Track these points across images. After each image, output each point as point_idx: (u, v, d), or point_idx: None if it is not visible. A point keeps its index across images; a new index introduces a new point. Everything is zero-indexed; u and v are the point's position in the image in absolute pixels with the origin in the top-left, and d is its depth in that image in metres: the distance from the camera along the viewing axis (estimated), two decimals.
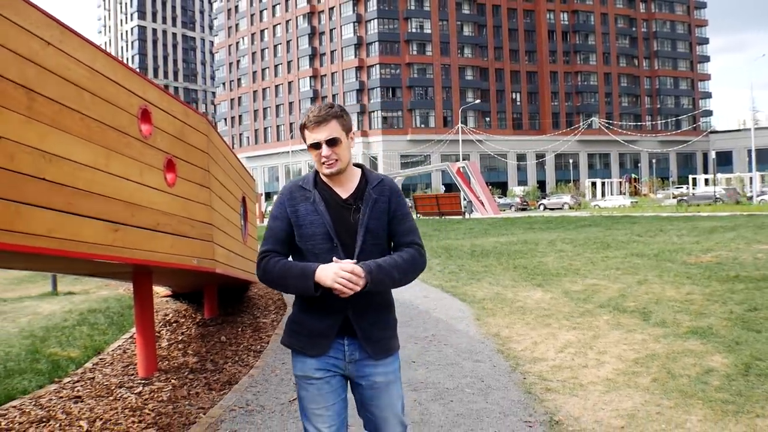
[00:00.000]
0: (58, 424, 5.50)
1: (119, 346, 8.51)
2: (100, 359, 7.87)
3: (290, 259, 3.08)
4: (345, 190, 3.07)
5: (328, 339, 3.01)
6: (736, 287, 10.38)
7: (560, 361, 6.83)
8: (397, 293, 9.44)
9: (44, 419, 5.65)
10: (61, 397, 6.30)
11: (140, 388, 6.46)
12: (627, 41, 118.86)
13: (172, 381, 6.73)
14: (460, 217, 46.80)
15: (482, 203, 54.87)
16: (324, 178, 3.09)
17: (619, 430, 4.89)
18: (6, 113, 3.78)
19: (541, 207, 69.18)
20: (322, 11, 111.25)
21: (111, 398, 6.22)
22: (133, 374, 7.03)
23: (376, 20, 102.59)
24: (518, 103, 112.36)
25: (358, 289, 2.81)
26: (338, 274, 2.79)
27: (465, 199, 53.89)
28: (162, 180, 5.63)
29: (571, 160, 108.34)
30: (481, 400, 5.69)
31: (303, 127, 3.07)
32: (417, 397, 5.86)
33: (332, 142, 2.98)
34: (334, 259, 2.90)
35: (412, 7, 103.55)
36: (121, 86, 5.12)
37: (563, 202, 68.83)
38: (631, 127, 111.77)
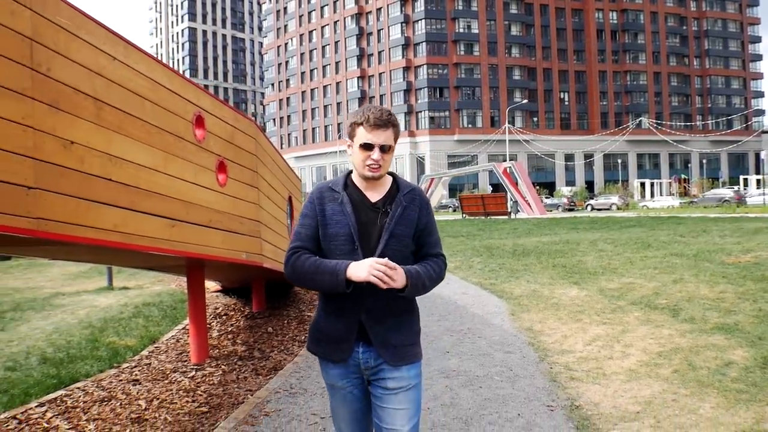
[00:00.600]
0: (118, 403, 6.04)
1: (173, 336, 9.06)
2: (155, 347, 8.42)
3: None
4: (375, 194, 3.10)
5: (348, 343, 3.03)
6: None
7: (587, 353, 7.20)
8: (437, 289, 9.96)
9: (106, 399, 6.19)
10: (121, 380, 6.85)
11: (193, 373, 7.00)
12: (677, 40, 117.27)
13: (222, 367, 7.25)
14: (506, 217, 46.91)
15: (528, 203, 54.88)
16: (356, 181, 3.14)
17: (634, 414, 5.26)
18: (78, 121, 4.30)
19: (589, 207, 68.76)
20: (370, 12, 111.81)
21: (166, 381, 6.75)
22: (186, 361, 7.57)
23: (423, 21, 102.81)
24: (566, 103, 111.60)
25: (394, 284, 2.81)
26: (373, 266, 2.80)
27: (511, 200, 53.97)
28: (214, 180, 6.14)
29: (619, 160, 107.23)
30: (508, 387, 6.10)
31: (357, 124, 3.06)
32: (449, 383, 6.29)
33: (385, 149, 3.01)
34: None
35: (460, 8, 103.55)
36: (177, 95, 5.63)
37: (611, 203, 68.22)
38: (681, 126, 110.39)
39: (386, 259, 2.83)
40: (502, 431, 4.99)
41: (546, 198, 76.58)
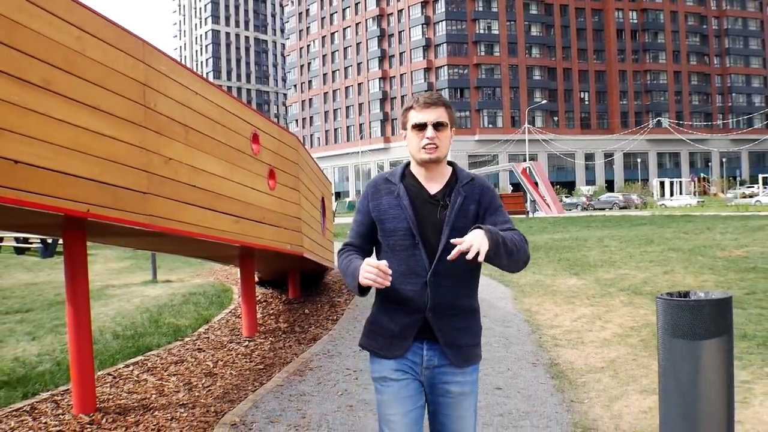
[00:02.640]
0: (189, 364, 7.55)
1: (222, 317, 10.57)
2: (209, 326, 9.93)
3: (374, 254, 3.06)
4: (434, 185, 2.96)
5: (406, 341, 2.90)
6: (748, 276, 11.93)
7: (572, 327, 8.66)
8: None
9: (178, 361, 7.70)
10: (187, 349, 8.36)
11: (246, 343, 8.52)
12: (697, 39, 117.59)
13: (270, 339, 8.76)
14: (524, 216, 48.20)
15: (546, 203, 56.09)
16: (414, 171, 3.01)
17: (600, 369, 6.70)
18: (173, 143, 5.81)
19: (590, 207, 69.40)
20: (391, 14, 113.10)
21: (225, 350, 8.26)
22: (238, 335, 9.09)
23: (444, 22, 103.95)
24: (586, 103, 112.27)
25: (387, 284, 2.71)
26: (364, 269, 2.71)
27: (530, 199, 55.24)
28: (266, 185, 7.64)
29: (639, 160, 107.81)
30: (502, 351, 7.58)
31: (408, 109, 2.98)
32: None
33: (439, 126, 2.89)
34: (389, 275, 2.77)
35: (480, 9, 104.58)
36: (239, 117, 7.14)
37: (612, 202, 68.54)
38: (701, 125, 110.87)
39: (377, 261, 2.71)
40: (494, 381, 6.44)
41: (566, 197, 77.39)
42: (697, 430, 3.68)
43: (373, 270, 2.67)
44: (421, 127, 2.89)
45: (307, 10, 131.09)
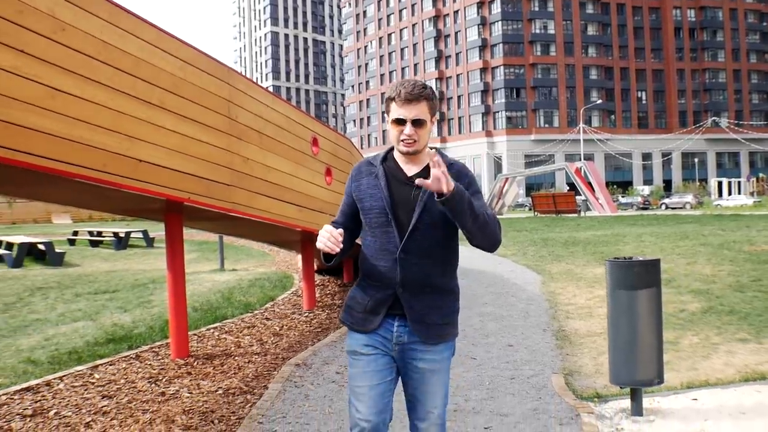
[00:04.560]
0: (260, 328, 9.11)
1: (285, 296, 12.13)
2: (274, 303, 11.48)
3: (363, 234, 3.16)
4: (413, 168, 3.06)
5: (378, 316, 3.02)
6: (762, 267, 13.05)
7: (585, 305, 10.01)
8: (489, 266, 13.14)
9: (250, 326, 9.27)
10: (257, 318, 9.93)
11: (306, 314, 10.06)
12: (757, 37, 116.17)
13: (326, 311, 10.30)
14: (575, 214, 49.05)
15: (599, 202, 56.69)
16: (396, 156, 3.12)
17: (598, 334, 8.05)
18: (250, 146, 7.35)
19: (663, 206, 69.65)
20: (448, 14, 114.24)
21: (288, 319, 9.81)
22: (299, 308, 10.64)
23: (500, 22, 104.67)
24: (644, 102, 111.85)
25: (337, 249, 2.84)
26: (321, 233, 2.86)
27: (583, 198, 55.93)
28: (323, 181, 9.16)
29: (697, 159, 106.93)
30: (521, 321, 8.98)
31: (390, 99, 3.01)
32: (482, 318, 9.22)
33: (418, 123, 2.95)
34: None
35: (536, 9, 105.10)
36: (300, 124, 8.66)
37: (685, 202, 68.93)
38: (761, 124, 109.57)
39: (340, 230, 2.85)
40: (507, 340, 7.87)
41: (621, 197, 77.52)
42: (635, 354, 5.03)
43: (326, 235, 2.83)
44: (400, 122, 2.96)
45: (365, 12, 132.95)
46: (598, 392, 5.78)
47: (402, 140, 2.98)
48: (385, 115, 3.08)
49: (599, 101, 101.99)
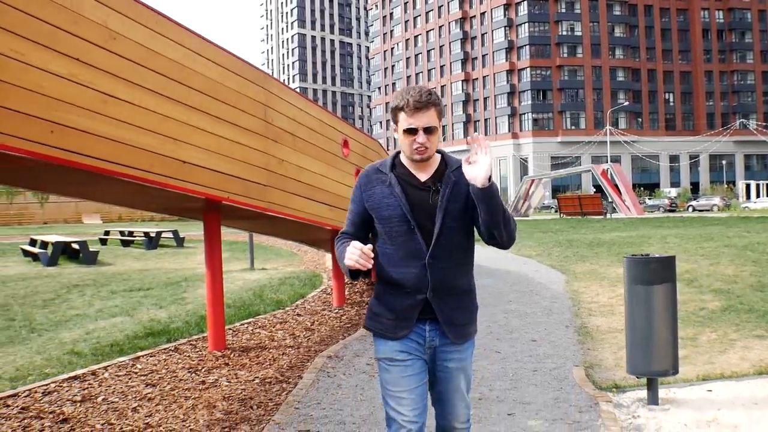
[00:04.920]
0: (292, 323, 9.45)
1: (315, 294, 12.48)
2: (305, 300, 11.84)
3: (373, 243, 3.12)
4: (424, 173, 3.08)
5: (410, 321, 3.05)
6: None
7: (607, 303, 10.26)
8: (514, 265, 13.49)
9: (282, 321, 9.62)
10: (288, 314, 10.28)
11: (336, 311, 10.39)
12: None
13: (356, 308, 10.63)
14: (601, 216, 49.03)
15: (626, 204, 56.56)
16: (404, 162, 3.12)
17: (619, 330, 8.29)
18: (284, 148, 7.69)
19: (690, 209, 69.20)
20: (474, 16, 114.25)
21: (319, 315, 10.15)
22: (329, 305, 10.98)
23: (526, 24, 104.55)
24: (671, 104, 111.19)
25: (369, 266, 2.87)
26: (349, 251, 2.86)
27: (609, 200, 55.85)
28: (353, 182, 9.48)
29: (724, 162, 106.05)
30: (544, 318, 9.26)
31: (398, 109, 3.01)
32: (506, 315, 9.52)
33: (429, 130, 2.98)
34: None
35: (563, 10, 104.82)
36: (332, 127, 9.00)
37: (712, 204, 68.39)
38: None
39: (362, 245, 2.86)
40: (531, 335, 8.15)
41: (648, 199, 77.15)
42: (651, 345, 5.30)
43: (356, 252, 2.83)
44: (412, 131, 2.97)
45: (391, 14, 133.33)
46: (616, 383, 6.05)
47: (415, 149, 2.99)
48: (392, 123, 3.10)
49: (626, 103, 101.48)
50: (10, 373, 7.16)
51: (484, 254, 18.10)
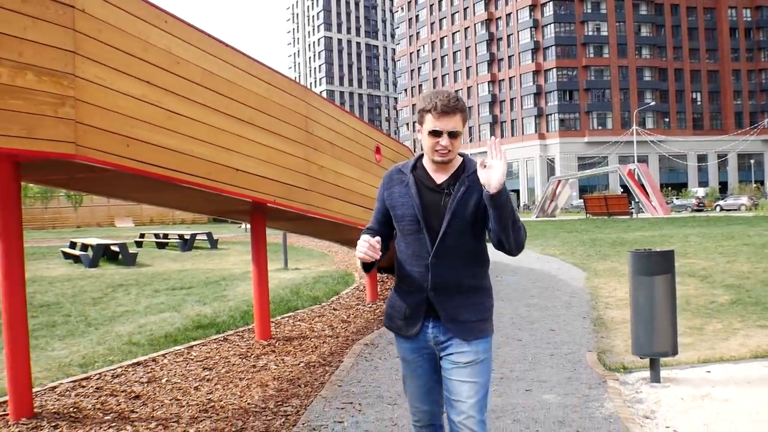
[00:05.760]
0: (329, 317, 10.21)
1: (348, 291, 13.25)
2: (339, 296, 12.60)
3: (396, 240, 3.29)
4: (442, 176, 3.16)
5: (416, 320, 3.15)
6: None
7: (624, 297, 10.91)
8: (538, 265, 14.32)
9: (320, 315, 10.38)
10: (325, 309, 11.04)
11: (370, 305, 11.15)
12: None
13: None
14: (627, 216, 49.38)
15: (652, 204, 56.79)
16: (425, 164, 3.21)
17: None
18: (324, 155, 8.46)
19: (717, 208, 68.99)
20: (500, 18, 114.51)
21: (354, 309, 10.91)
22: (363, 301, 11.73)
23: (552, 25, 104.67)
24: (698, 103, 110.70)
25: (377, 257, 2.98)
26: (359, 243, 3.00)
27: (636, 200, 56.12)
28: None
29: (753, 161, 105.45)
30: (564, 311, 9.95)
31: (425, 111, 3.09)
32: (528, 308, 10.22)
33: (453, 135, 3.05)
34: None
35: (589, 11, 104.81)
36: (365, 135, 9.75)
37: (740, 204, 68.16)
38: None
39: (371, 237, 3.00)
40: (550, 325, 8.85)
41: (675, 199, 77.03)
42: (653, 329, 5.98)
43: (365, 244, 2.95)
44: (437, 134, 3.05)
45: (417, 16, 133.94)
46: (624, 365, 6.75)
47: (437, 150, 3.07)
48: (417, 124, 3.19)
49: (653, 103, 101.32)
50: (78, 360, 7.97)
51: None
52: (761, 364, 6.63)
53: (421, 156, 3.25)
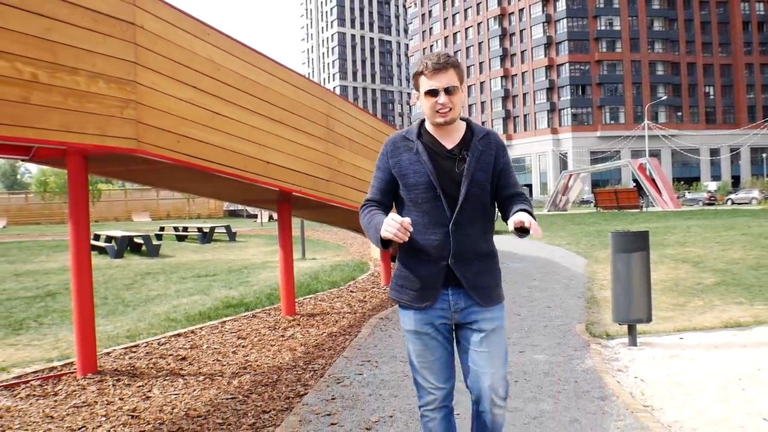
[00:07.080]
0: (347, 298, 11.19)
1: (363, 278, 14.22)
2: (355, 282, 13.58)
3: (394, 209, 3.12)
4: (450, 141, 3.09)
5: (436, 290, 3.05)
6: None
7: None
8: (543, 253, 15.29)
9: (339, 296, 11.36)
10: (343, 291, 12.02)
11: (385, 289, 12.13)
12: None
13: None
14: (637, 210, 50.02)
15: (663, 198, 57.31)
16: (429, 129, 3.13)
17: None
18: (343, 150, 9.42)
19: (729, 202, 69.31)
20: (512, 13, 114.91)
21: (369, 291, 11.90)
22: (378, 284, 12.71)
23: (565, 20, 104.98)
24: (711, 97, 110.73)
25: (406, 238, 2.78)
26: (387, 222, 2.79)
27: (646, 194, 56.66)
28: None
29: (765, 155, 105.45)
30: (562, 291, 10.90)
31: (418, 74, 3.05)
32: (529, 289, 11.17)
33: (450, 91, 2.99)
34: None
35: (601, 5, 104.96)
36: (380, 131, 10.70)
37: (751, 197, 68.42)
38: None
39: (401, 217, 2.82)
40: (547, 303, 9.81)
41: (687, 193, 77.36)
42: (630, 299, 6.89)
43: (395, 225, 2.76)
44: (433, 93, 2.99)
45: (430, 11, 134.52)
46: (608, 333, 7.70)
47: (437, 111, 3.01)
48: (414, 91, 3.14)
49: (665, 97, 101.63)
50: (124, 333, 8.96)
51: (516, 242, 19.70)
52: (730, 333, 7.55)
53: (423, 121, 3.21)
